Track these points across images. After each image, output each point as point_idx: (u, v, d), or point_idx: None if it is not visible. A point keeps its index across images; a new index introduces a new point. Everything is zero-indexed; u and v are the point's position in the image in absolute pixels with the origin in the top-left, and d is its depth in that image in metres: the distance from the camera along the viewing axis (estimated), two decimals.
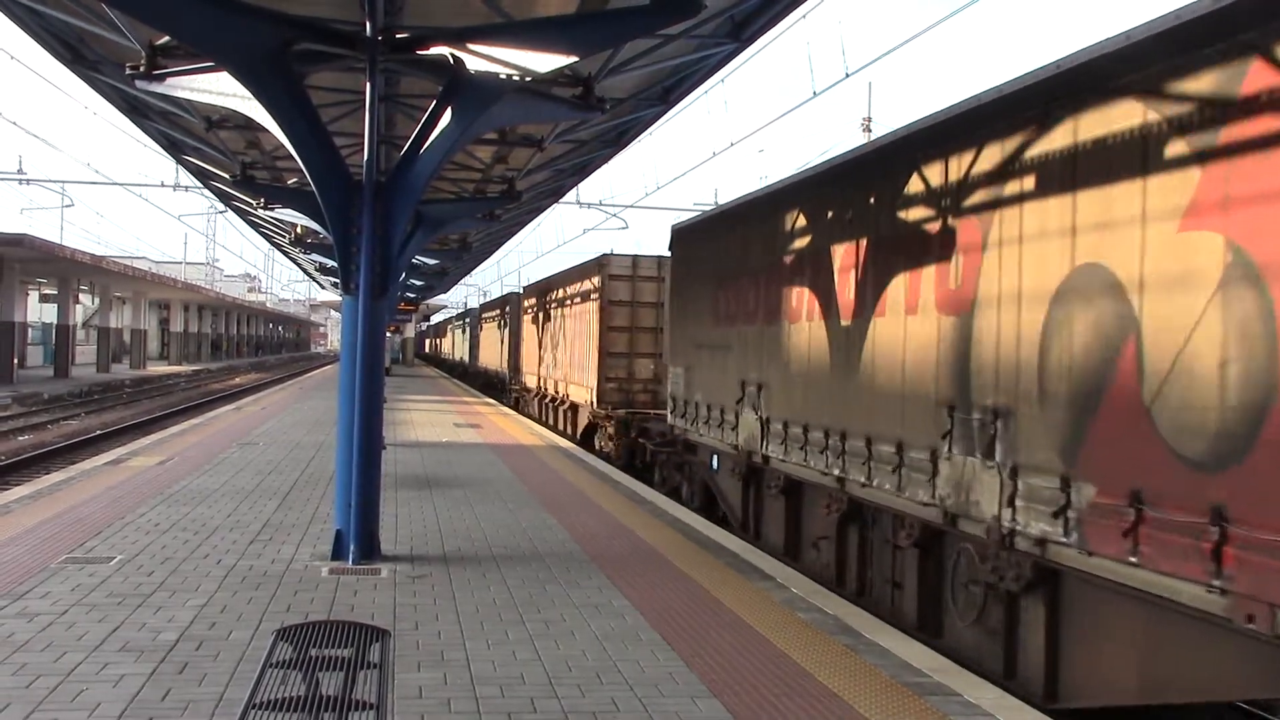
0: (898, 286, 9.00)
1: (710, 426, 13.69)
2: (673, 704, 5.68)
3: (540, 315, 30.54)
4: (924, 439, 8.30)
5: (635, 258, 21.70)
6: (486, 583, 8.34)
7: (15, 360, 40.85)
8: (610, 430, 20.55)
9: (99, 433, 25.30)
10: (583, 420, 23.47)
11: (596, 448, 21.46)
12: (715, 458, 13.83)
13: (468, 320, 62.43)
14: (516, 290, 41.86)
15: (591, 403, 21.83)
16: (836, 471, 9.89)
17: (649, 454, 17.24)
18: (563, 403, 26.22)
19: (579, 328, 23.61)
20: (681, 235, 16.19)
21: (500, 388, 40.99)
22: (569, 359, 25.12)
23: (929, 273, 8.44)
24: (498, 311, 44.37)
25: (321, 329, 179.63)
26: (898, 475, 8.72)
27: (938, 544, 8.57)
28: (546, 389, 28.97)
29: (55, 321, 48.87)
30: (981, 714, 5.67)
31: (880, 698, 5.85)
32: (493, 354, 45.55)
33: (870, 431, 9.24)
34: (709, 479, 14.23)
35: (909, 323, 8.72)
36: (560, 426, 26.30)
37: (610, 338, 21.26)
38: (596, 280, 21.81)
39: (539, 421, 28.21)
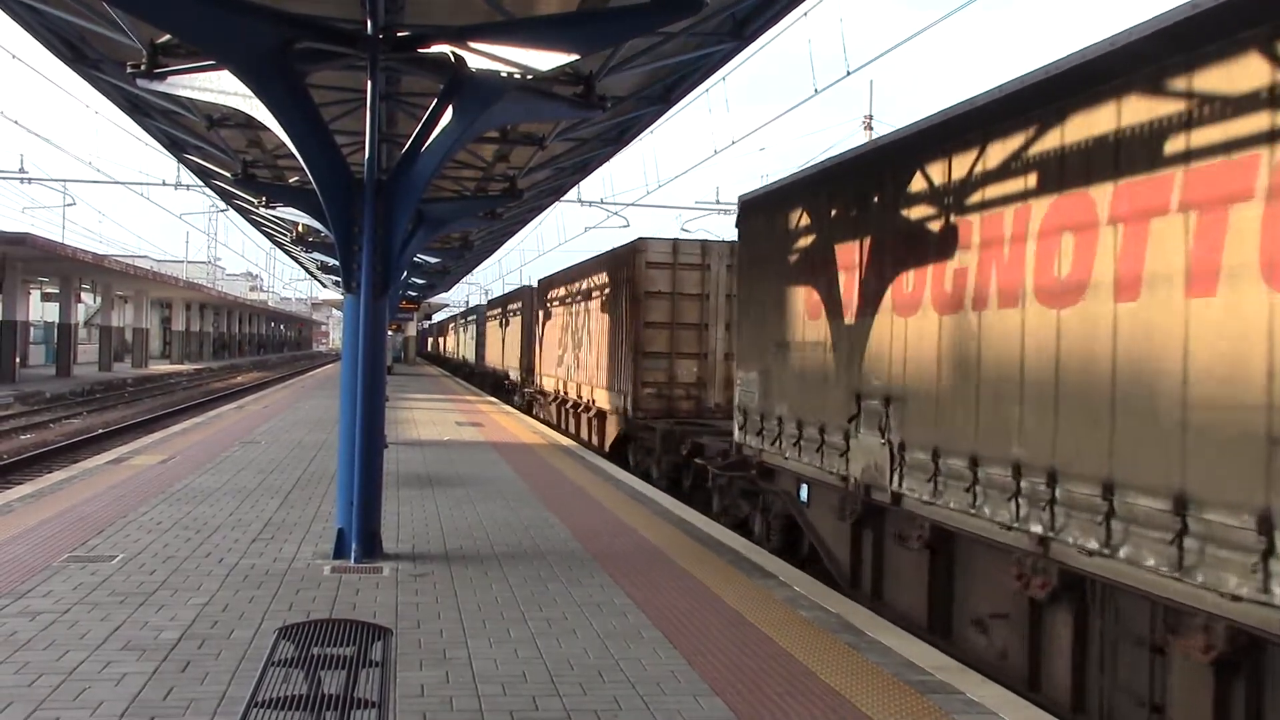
0: (1169, 249, 5.87)
1: (802, 449, 10.70)
2: (675, 702, 5.68)
3: (560, 310, 27.43)
4: (1238, 494, 5.28)
5: (676, 242, 18.72)
6: (488, 581, 8.34)
7: (17, 359, 40.90)
8: (653, 444, 17.38)
9: (101, 431, 25.32)
10: (612, 430, 20.57)
11: (631, 463, 18.79)
12: (805, 489, 10.83)
13: (474, 317, 59.03)
14: (529, 284, 37.27)
15: (625, 410, 18.88)
16: (1037, 528, 6.80)
17: (710, 478, 14.01)
18: (587, 409, 23.07)
19: (608, 324, 20.68)
20: (756, 207, 12.85)
21: (511, 390, 37.93)
22: (595, 359, 22.07)
23: (1243, 223, 5.37)
24: (509, 307, 40.54)
25: (323, 327, 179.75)
26: (1177, 548, 5.65)
27: (1259, 662, 5.54)
28: (567, 393, 25.72)
29: (57, 320, 48.94)
30: (984, 711, 5.66)
31: (883, 696, 5.85)
32: (503, 353, 41.87)
33: (1111, 476, 6.18)
34: (795, 514, 11.27)
35: (1193, 307, 5.66)
36: (585, 436, 23.24)
37: (647, 335, 18.27)
38: (629, 269, 18.81)
39: (557, 429, 25.37)
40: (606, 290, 21.17)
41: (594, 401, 22.24)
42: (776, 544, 11.63)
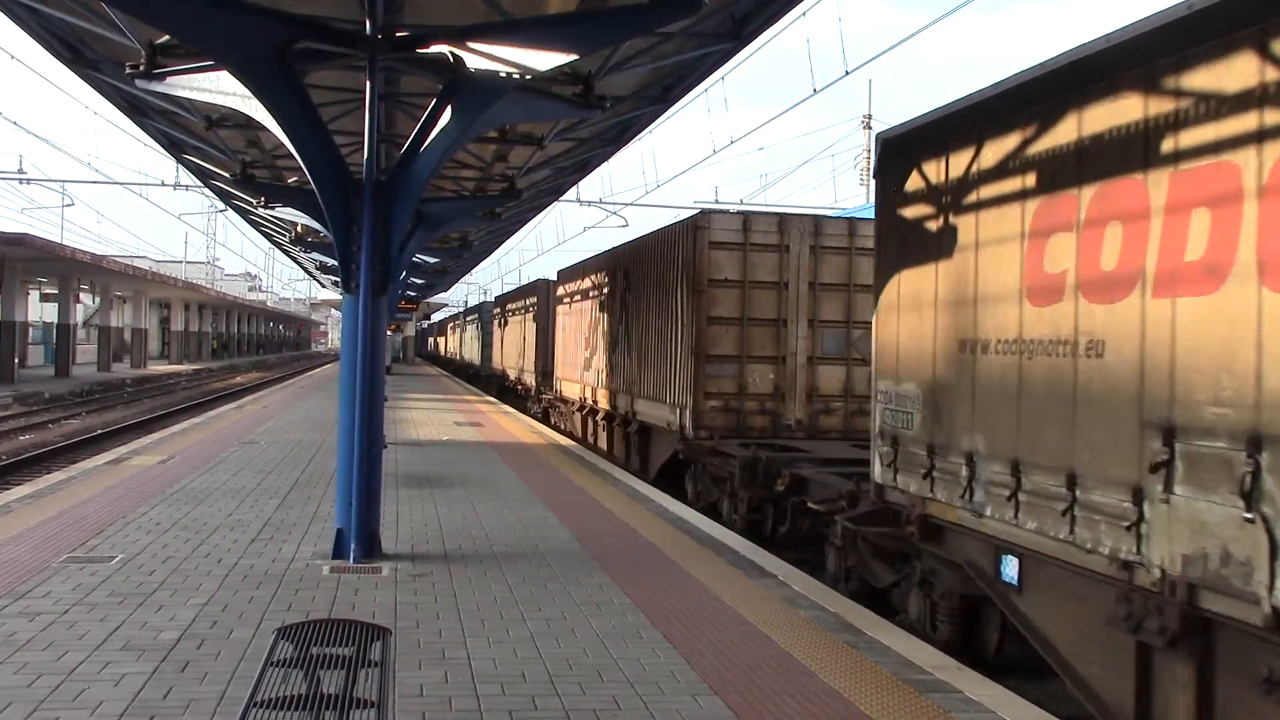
0: None
1: (1020, 507, 7.06)
2: (674, 702, 5.69)
3: (586, 306, 23.77)
4: None
5: (747, 216, 15.42)
6: (487, 581, 8.35)
7: (16, 359, 40.88)
8: (724, 473, 13.81)
9: (100, 432, 25.30)
10: (662, 451, 16.99)
11: (690, 494, 15.43)
12: (1015, 564, 7.29)
13: (479, 315, 54.25)
14: (546, 277, 32.83)
15: (682, 427, 15.33)
16: None
17: (838, 532, 9.96)
18: (625, 423, 19.37)
19: (657, 320, 17.07)
20: (916, 144, 8.77)
21: (523, 396, 34.39)
22: (636, 363, 18.40)
23: None
24: (521, 303, 36.42)
25: (322, 328, 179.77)
26: None
27: None
28: (596, 402, 22.16)
29: (56, 321, 48.92)
30: (982, 710, 5.67)
31: (882, 695, 5.86)
32: (514, 355, 37.64)
33: None
34: (997, 600, 7.61)
35: None
36: (621, 454, 19.73)
37: (711, 334, 14.85)
38: (687, 252, 15.27)
39: (583, 443, 22.32)
40: (653, 279, 17.50)
41: (635, 414, 18.58)
42: (946, 634, 8.35)
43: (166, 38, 9.53)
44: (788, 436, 14.61)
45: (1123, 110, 6.40)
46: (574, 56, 8.55)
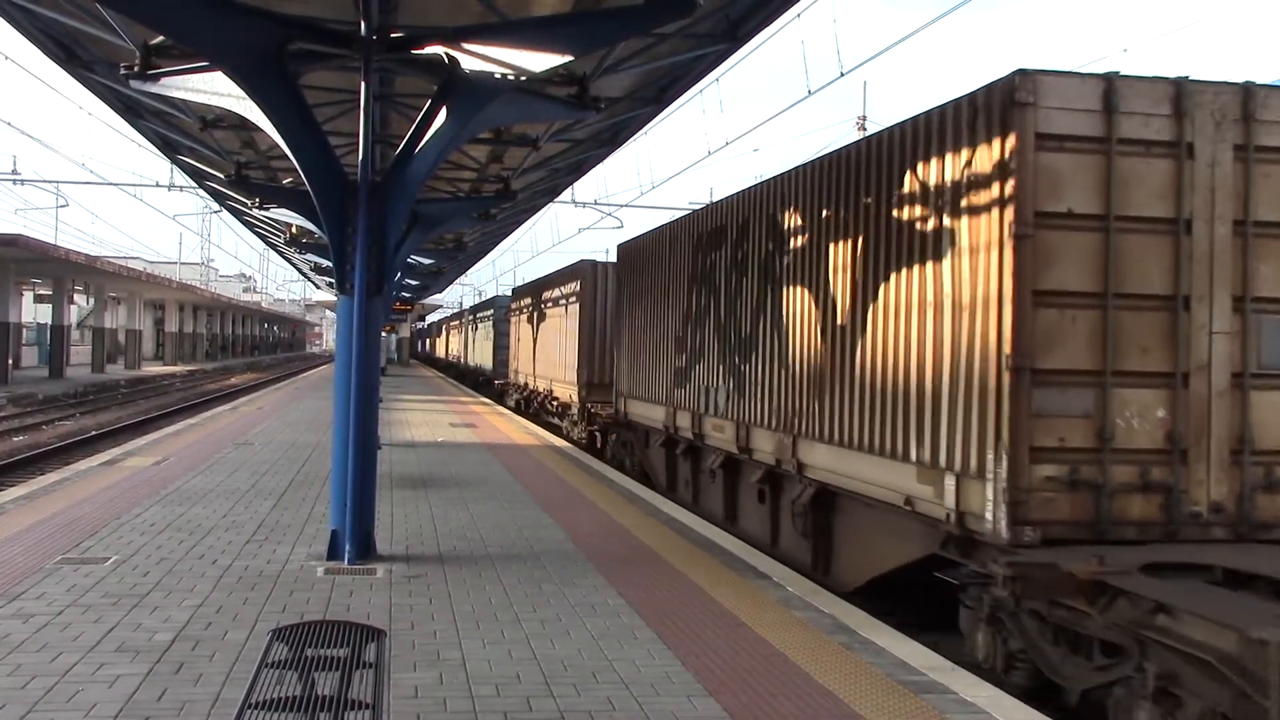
0: None
1: None
2: (669, 703, 5.69)
3: (677, 288, 15.69)
4: None
5: (1111, 81, 7.56)
6: (482, 582, 8.34)
7: (10, 361, 40.78)
8: (1141, 640, 6.09)
9: (94, 433, 25.26)
10: (885, 548, 9.30)
11: (982, 648, 7.63)
12: None
13: (490, 311, 44.94)
14: (587, 259, 25.42)
15: (959, 516, 7.74)
16: None
17: None
18: (773, 480, 11.70)
19: (865, 301, 9.45)
20: None
21: (554, 414, 26.97)
22: (801, 379, 10.86)
23: None
24: (554, 294, 27.86)
25: (317, 329, 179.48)
26: None
27: None
28: (705, 437, 14.03)
29: (50, 322, 48.82)
30: (977, 711, 5.68)
31: (876, 696, 5.86)
32: (543, 360, 29.05)
33: None
34: None
35: None
36: (761, 533, 11.93)
37: (1041, 325, 7.37)
38: (986, 153, 7.64)
39: (665, 491, 15.57)
40: (848, 230, 9.85)
41: (801, 469, 10.71)
42: None
43: (161, 38, 9.51)
44: (1196, 538, 7.48)
45: None
46: (569, 58, 8.55)
